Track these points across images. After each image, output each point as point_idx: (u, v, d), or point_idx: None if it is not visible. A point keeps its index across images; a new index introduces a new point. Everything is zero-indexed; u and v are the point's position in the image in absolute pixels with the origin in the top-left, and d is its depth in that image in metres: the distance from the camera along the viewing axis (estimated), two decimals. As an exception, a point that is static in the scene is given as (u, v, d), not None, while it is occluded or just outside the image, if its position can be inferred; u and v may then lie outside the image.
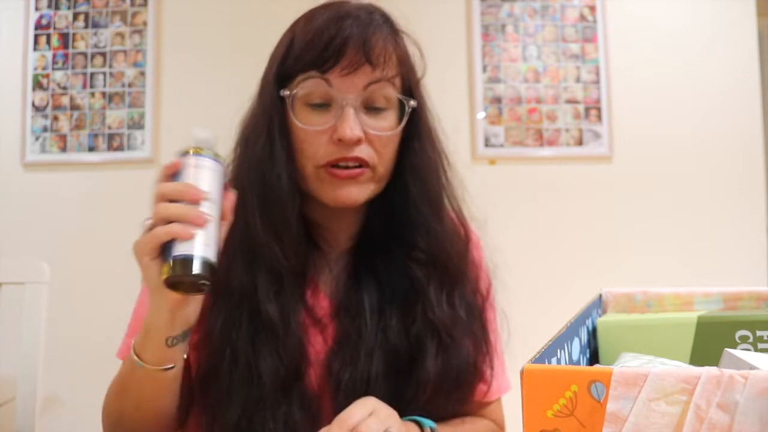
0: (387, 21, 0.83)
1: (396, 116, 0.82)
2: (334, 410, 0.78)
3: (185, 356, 0.77)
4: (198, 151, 0.71)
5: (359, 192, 0.80)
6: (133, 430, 0.80)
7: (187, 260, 0.66)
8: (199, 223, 0.66)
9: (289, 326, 0.80)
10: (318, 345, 0.84)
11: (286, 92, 0.79)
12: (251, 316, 0.80)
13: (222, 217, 0.71)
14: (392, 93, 0.80)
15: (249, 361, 0.78)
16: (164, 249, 0.67)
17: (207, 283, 0.67)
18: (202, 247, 0.67)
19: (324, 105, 0.79)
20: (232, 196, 0.73)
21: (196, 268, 0.66)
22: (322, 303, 0.86)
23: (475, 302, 0.88)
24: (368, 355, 0.81)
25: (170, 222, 0.66)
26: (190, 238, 0.66)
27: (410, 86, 0.83)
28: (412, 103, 0.82)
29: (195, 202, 0.67)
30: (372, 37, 0.78)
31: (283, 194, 0.80)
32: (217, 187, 0.71)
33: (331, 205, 0.81)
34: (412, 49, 0.85)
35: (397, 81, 0.81)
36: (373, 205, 0.86)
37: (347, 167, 0.79)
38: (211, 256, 0.68)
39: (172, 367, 0.74)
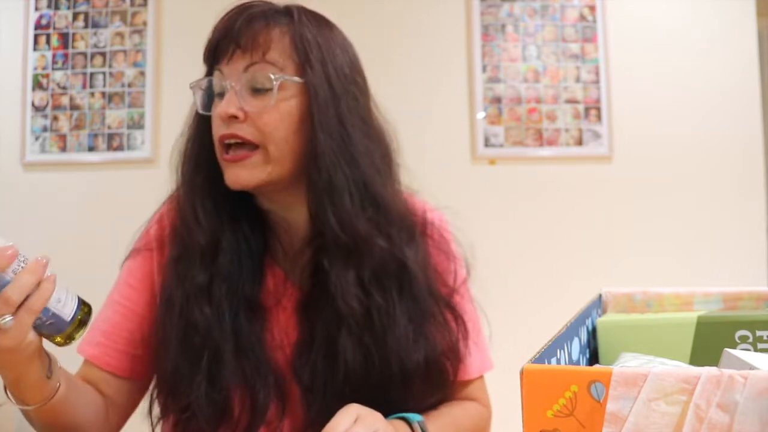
0: (285, 12, 0.84)
1: (289, 97, 0.81)
2: (302, 401, 0.82)
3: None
4: None
5: (249, 175, 0.81)
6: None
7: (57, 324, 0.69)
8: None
9: (252, 301, 0.84)
10: (278, 334, 0.85)
11: (192, 84, 0.85)
12: (211, 284, 0.83)
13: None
14: (275, 74, 0.80)
15: (185, 315, 0.82)
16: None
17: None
18: (59, 304, 0.70)
19: (222, 93, 0.83)
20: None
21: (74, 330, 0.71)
22: (287, 290, 0.87)
23: (434, 285, 0.87)
24: (331, 345, 0.81)
25: None
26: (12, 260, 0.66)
27: (314, 71, 0.81)
28: (296, 79, 0.81)
29: None
30: (248, 25, 0.81)
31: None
32: None
33: (231, 188, 0.83)
34: (330, 39, 0.84)
35: (288, 65, 0.81)
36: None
37: (230, 150, 0.82)
38: (71, 305, 0.72)
39: (55, 393, 0.76)
